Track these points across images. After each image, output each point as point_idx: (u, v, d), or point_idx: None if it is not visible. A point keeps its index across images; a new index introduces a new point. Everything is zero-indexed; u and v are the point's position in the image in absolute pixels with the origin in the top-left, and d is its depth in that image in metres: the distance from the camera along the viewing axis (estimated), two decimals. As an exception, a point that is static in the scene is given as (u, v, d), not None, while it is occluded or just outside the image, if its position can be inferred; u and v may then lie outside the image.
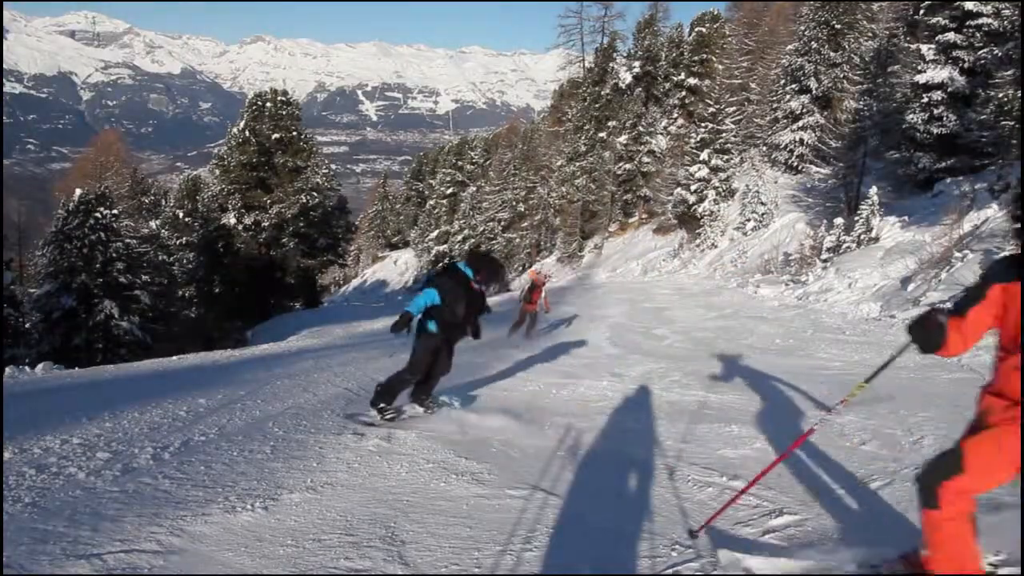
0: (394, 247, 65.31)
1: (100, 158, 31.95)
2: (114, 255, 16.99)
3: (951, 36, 14.63)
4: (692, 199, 25.46)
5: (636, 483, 3.58)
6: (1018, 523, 2.25)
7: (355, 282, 61.84)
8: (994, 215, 11.99)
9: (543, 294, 10.06)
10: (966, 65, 14.57)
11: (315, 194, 27.92)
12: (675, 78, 33.58)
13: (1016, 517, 2.29)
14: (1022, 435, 1.94)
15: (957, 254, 11.19)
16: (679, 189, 26.38)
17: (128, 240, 17.80)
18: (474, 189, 49.71)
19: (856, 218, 15.26)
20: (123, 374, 7.15)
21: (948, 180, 15.00)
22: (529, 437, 4.43)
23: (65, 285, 16.33)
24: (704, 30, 32.92)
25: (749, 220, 22.71)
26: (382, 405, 4.68)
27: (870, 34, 23.21)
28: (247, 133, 27.86)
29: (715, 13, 34.32)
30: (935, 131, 14.87)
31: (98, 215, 16.84)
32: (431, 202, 57.75)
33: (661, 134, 32.75)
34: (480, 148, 55.85)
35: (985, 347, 7.00)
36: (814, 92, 23.04)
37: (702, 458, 3.98)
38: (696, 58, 32.56)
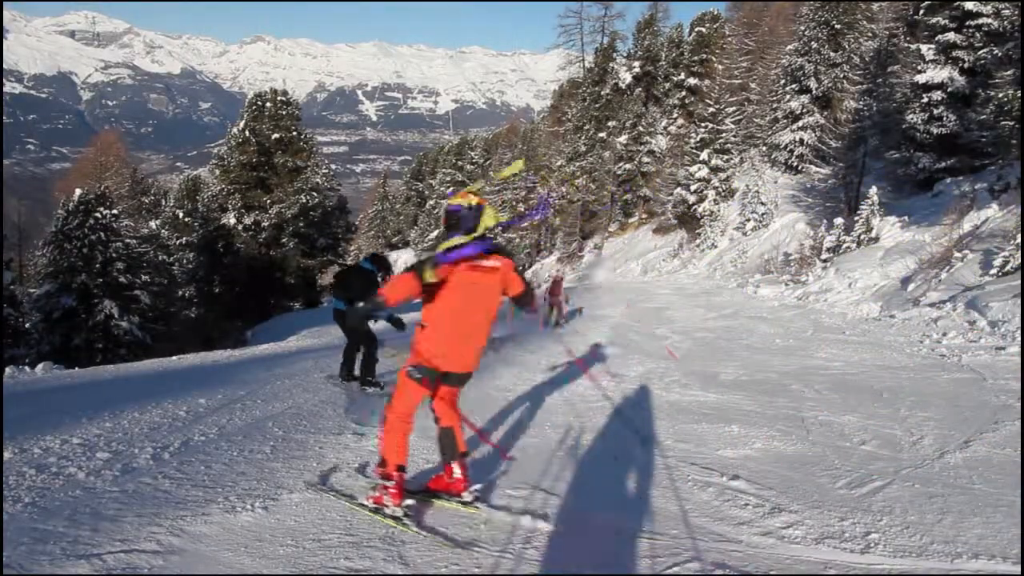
0: (394, 247, 65.30)
1: (100, 158, 31.93)
2: (114, 255, 16.95)
3: (951, 36, 14.63)
4: (692, 199, 25.46)
5: (636, 483, 3.58)
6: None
7: (355, 282, 61.79)
8: (994, 215, 11.99)
9: (563, 288, 12.49)
10: (966, 65, 14.57)
11: (315, 194, 27.84)
12: (675, 78, 33.58)
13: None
14: None
15: (957, 254, 11.19)
16: (679, 189, 26.39)
17: (128, 240, 17.75)
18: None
19: (856, 218, 15.26)
20: (123, 374, 7.14)
21: (948, 180, 15.00)
22: (529, 437, 4.44)
23: (65, 285, 16.29)
24: (704, 30, 32.93)
25: (749, 220, 22.71)
26: (369, 379, 5.94)
27: (870, 34, 23.21)
28: (247, 133, 27.81)
29: (715, 13, 34.34)
30: (935, 131, 14.87)
31: (98, 215, 16.80)
32: (431, 202, 57.77)
33: (661, 134, 32.75)
34: (480, 148, 55.88)
35: (985, 347, 7.01)
36: (814, 92, 23.04)
37: (702, 458, 3.98)
38: (696, 58, 32.56)
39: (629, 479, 3.63)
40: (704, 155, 25.15)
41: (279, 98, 28.82)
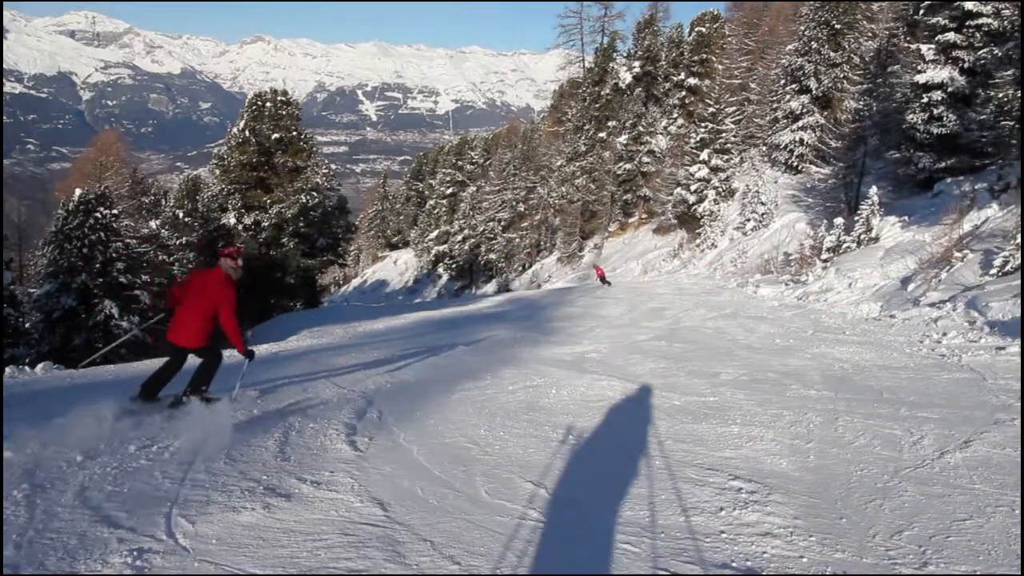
0: (394, 247, 65.33)
1: (100, 158, 31.91)
2: (114, 255, 16.94)
3: (951, 36, 14.63)
4: (692, 199, 25.46)
5: (636, 483, 3.58)
6: None
7: (355, 282, 61.87)
8: (994, 215, 12.00)
9: None
10: (966, 65, 14.57)
11: (315, 194, 27.84)
12: (675, 78, 33.61)
13: None
14: None
15: (957, 254, 11.20)
16: (679, 189, 26.40)
17: (128, 240, 17.73)
18: (474, 189, 49.71)
19: (856, 218, 15.26)
20: (123, 374, 7.14)
21: (948, 180, 15.00)
22: (529, 437, 4.44)
23: (65, 285, 16.29)
24: (704, 30, 32.95)
25: (749, 220, 22.71)
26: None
27: (870, 34, 23.23)
28: (247, 133, 27.80)
29: (715, 13, 34.35)
30: (935, 131, 14.87)
31: (98, 215, 16.79)
32: (431, 202, 57.77)
33: (661, 134, 32.76)
34: (480, 148, 55.87)
35: (985, 347, 6.99)
36: (814, 92, 23.04)
37: (702, 458, 3.98)
38: (696, 58, 32.58)
39: (629, 479, 3.62)
40: (704, 155, 25.16)
41: (279, 98, 28.82)
